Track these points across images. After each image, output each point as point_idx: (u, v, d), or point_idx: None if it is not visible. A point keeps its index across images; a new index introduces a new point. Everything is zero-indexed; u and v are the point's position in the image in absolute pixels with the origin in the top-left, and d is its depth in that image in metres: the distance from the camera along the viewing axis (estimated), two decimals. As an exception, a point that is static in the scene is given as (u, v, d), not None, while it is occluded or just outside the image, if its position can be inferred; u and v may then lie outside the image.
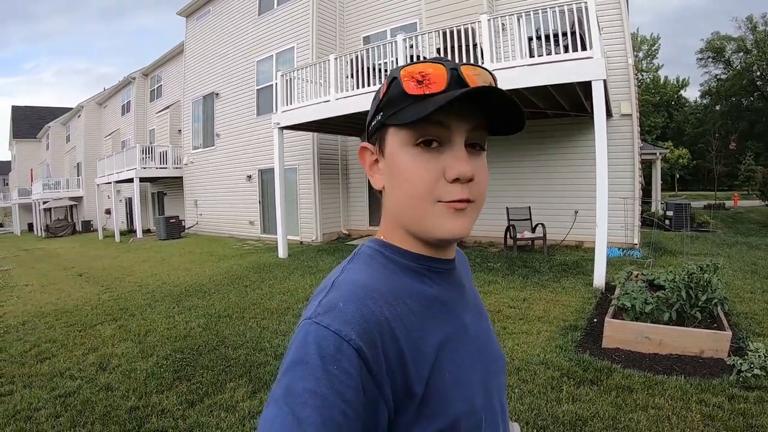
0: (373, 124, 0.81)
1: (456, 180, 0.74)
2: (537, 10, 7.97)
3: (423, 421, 0.70)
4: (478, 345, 0.86)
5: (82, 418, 3.83)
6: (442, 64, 0.74)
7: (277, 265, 10.52)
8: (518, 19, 8.19)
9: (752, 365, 4.07)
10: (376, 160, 0.83)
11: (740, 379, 3.98)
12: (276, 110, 11.84)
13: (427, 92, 0.73)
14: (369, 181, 0.85)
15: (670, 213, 15.49)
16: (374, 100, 0.82)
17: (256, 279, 9.11)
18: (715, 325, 4.85)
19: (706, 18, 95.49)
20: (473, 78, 0.75)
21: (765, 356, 4.18)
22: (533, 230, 10.82)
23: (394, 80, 0.76)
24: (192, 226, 19.86)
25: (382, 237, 0.86)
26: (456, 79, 0.74)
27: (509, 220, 10.83)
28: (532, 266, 8.85)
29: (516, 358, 4.65)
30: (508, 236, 10.79)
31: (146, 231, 22.49)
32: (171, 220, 18.97)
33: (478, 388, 0.81)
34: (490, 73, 0.79)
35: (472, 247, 11.46)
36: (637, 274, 6.76)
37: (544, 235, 10.23)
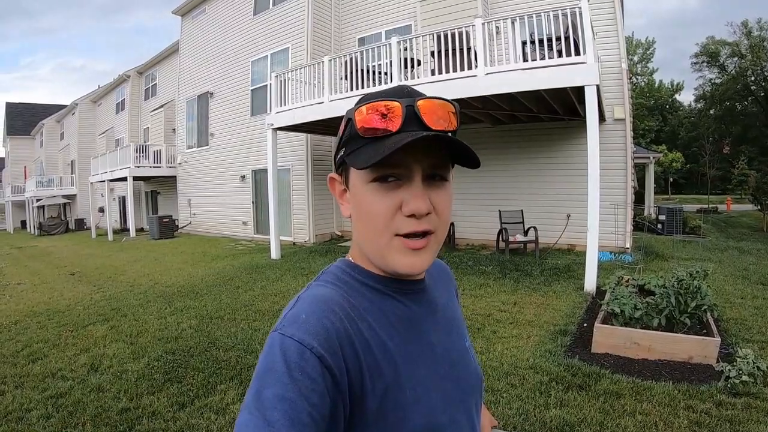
0: (337, 158, 0.85)
1: (412, 215, 0.77)
2: (531, 14, 8.01)
3: None
4: (448, 363, 0.89)
5: (74, 420, 3.83)
6: (398, 102, 0.75)
7: (270, 266, 10.51)
8: (512, 23, 8.21)
9: (741, 372, 4.07)
10: (345, 189, 0.86)
11: (728, 385, 3.99)
12: (270, 111, 11.84)
13: (381, 134, 0.75)
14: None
15: (662, 217, 15.51)
16: (338, 134, 0.84)
17: (249, 280, 9.10)
18: (705, 331, 4.87)
19: (701, 23, 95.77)
20: (429, 114, 0.76)
21: (754, 362, 4.18)
22: (525, 233, 10.82)
23: (349, 121, 0.78)
24: (185, 226, 19.81)
25: (351, 258, 0.89)
26: (411, 115, 0.75)
27: (502, 223, 10.84)
28: (524, 270, 8.87)
29: (505, 363, 4.66)
30: (500, 239, 10.79)
31: (139, 230, 22.38)
32: (164, 220, 18.92)
33: (443, 405, 0.83)
34: (451, 102, 0.80)
35: (464, 250, 11.49)
36: (628, 279, 6.76)
37: (536, 238, 10.26)
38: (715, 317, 5.46)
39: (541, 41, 8.05)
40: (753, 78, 47.77)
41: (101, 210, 26.22)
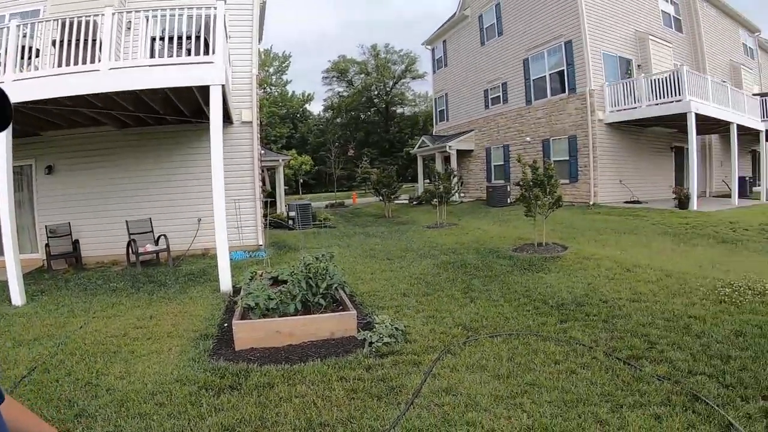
0: None
1: None
2: (166, 10, 7.83)
3: None
4: None
5: None
6: None
7: None
8: (146, 19, 7.92)
9: (381, 335, 4.70)
10: None
11: (373, 350, 4.54)
12: None
13: None
14: None
15: (293, 213, 16.88)
16: None
17: None
18: (341, 307, 5.44)
19: (336, 42, 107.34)
20: None
21: (392, 325, 4.88)
22: (156, 243, 10.43)
23: None
24: None
25: None
26: None
27: (130, 234, 10.18)
28: (158, 280, 8.56)
29: (149, 382, 4.24)
30: (130, 252, 10.10)
31: None
32: None
33: None
34: None
35: (94, 269, 10.23)
36: (262, 273, 7.14)
37: (168, 246, 10.02)
38: (348, 293, 6.07)
39: (171, 39, 7.92)
40: (376, 92, 58.89)
41: None
